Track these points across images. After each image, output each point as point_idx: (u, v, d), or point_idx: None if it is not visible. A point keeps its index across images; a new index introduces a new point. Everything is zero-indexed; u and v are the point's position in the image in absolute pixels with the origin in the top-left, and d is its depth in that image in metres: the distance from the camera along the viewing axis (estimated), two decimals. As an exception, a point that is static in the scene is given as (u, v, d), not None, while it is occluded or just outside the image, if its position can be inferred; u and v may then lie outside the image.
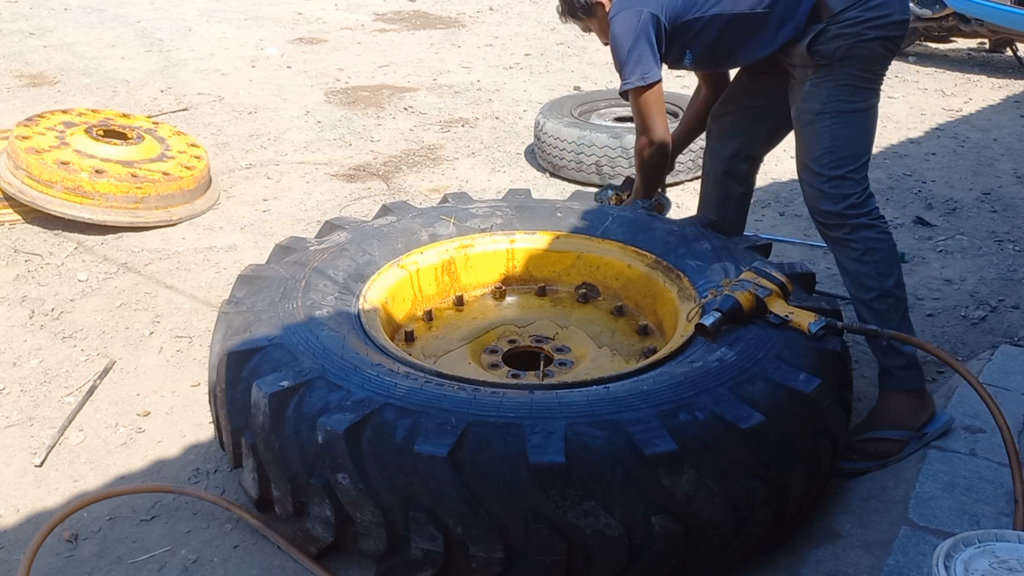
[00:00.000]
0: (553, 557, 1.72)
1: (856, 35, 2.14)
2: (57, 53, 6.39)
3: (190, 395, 2.62)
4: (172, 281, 3.28)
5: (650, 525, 1.70)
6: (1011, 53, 6.75)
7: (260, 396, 1.84)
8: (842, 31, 2.14)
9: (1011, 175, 4.42)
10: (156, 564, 2.00)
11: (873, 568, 1.76)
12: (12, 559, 2.01)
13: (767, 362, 1.90)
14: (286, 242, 2.51)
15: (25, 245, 3.50)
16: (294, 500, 1.89)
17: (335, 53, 6.78)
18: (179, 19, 7.65)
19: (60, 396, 2.60)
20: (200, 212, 3.84)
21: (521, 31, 7.60)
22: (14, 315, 3.02)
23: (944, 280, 3.32)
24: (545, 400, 1.79)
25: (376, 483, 1.74)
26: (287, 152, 4.70)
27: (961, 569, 1.26)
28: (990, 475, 1.98)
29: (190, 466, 2.32)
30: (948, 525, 1.82)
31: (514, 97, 5.77)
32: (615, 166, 4.15)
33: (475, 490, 1.68)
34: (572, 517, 1.68)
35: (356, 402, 1.79)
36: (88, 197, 3.53)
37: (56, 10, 7.74)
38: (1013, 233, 3.73)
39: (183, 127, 4.75)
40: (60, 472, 2.30)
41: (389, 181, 4.32)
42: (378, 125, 5.16)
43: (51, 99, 5.36)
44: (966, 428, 2.15)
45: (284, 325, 2.05)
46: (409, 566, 1.81)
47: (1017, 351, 2.55)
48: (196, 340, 2.90)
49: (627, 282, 2.53)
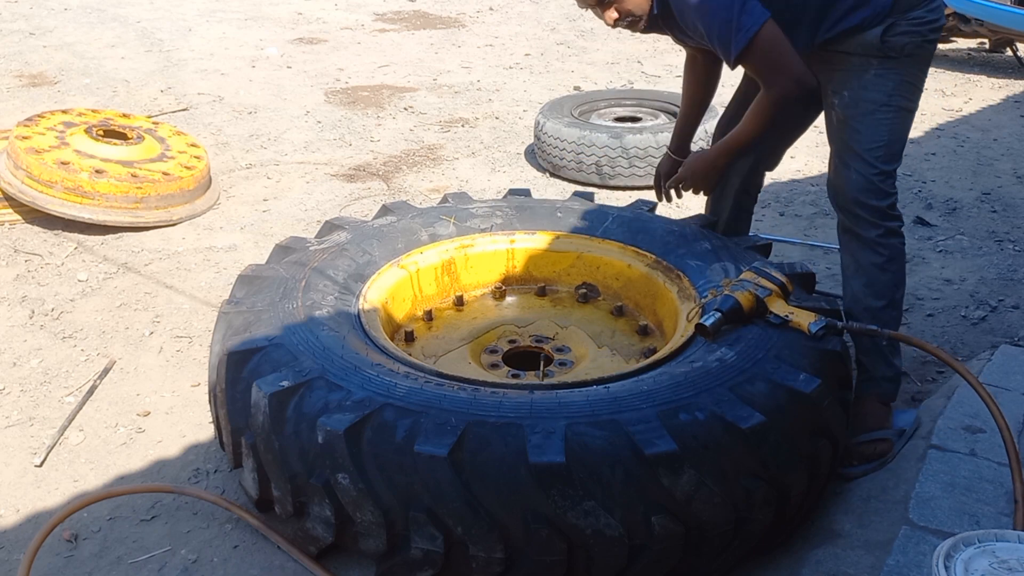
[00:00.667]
0: (553, 557, 1.72)
1: (921, 35, 2.15)
2: (57, 53, 6.39)
3: (190, 395, 2.62)
4: (172, 281, 3.28)
5: (650, 525, 1.70)
6: (1011, 53, 6.75)
7: (260, 396, 1.84)
8: (911, 28, 2.14)
9: (1011, 175, 4.41)
10: (156, 564, 2.00)
11: (873, 568, 1.75)
12: (12, 559, 2.01)
13: (767, 362, 1.90)
14: (286, 242, 2.51)
15: (25, 245, 3.50)
16: (294, 500, 1.89)
17: (335, 53, 6.78)
18: (179, 19, 7.65)
19: (60, 396, 2.60)
20: (200, 212, 3.84)
21: (521, 31, 7.60)
22: (14, 315, 3.02)
23: (944, 280, 3.32)
24: (545, 400, 1.79)
25: (376, 483, 1.74)
26: (287, 152, 4.70)
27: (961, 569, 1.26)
28: (990, 475, 1.97)
29: (190, 466, 2.32)
30: (948, 525, 1.82)
31: (514, 97, 5.77)
32: (615, 166, 4.14)
33: (475, 490, 1.68)
34: (572, 517, 1.68)
35: (356, 402, 1.79)
36: (88, 197, 3.53)
37: (56, 10, 7.74)
38: (1013, 233, 3.73)
39: (183, 127, 4.75)
40: (60, 472, 2.30)
41: (389, 181, 4.32)
42: (378, 125, 5.16)
43: (51, 99, 5.36)
44: (966, 428, 2.15)
45: (284, 325, 2.05)
46: (409, 566, 1.81)
47: (1017, 351, 2.54)
48: (196, 340, 2.90)
49: (627, 282, 2.53)
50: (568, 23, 7.78)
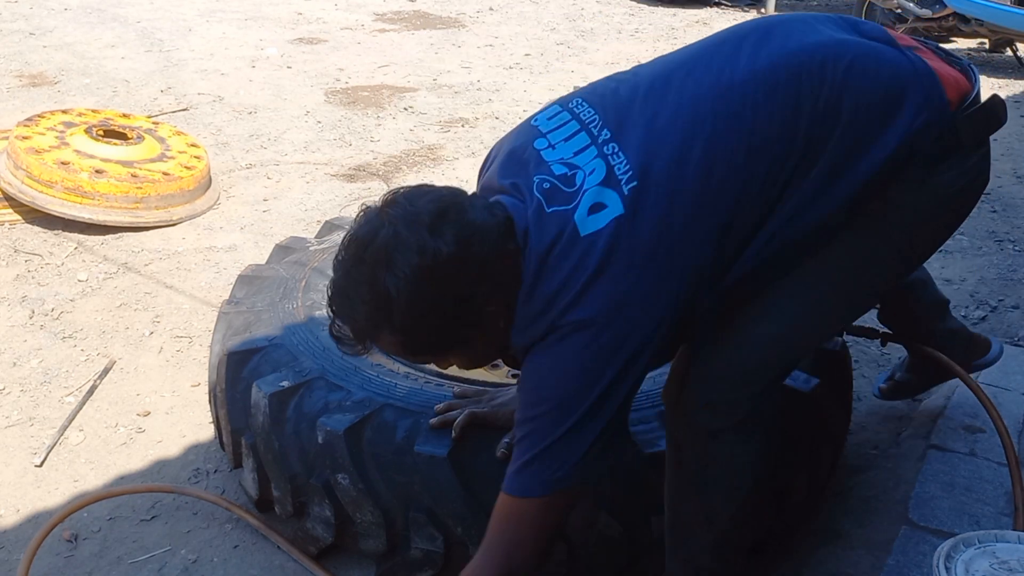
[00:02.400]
0: (553, 557, 1.72)
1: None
2: (57, 53, 6.39)
3: (190, 395, 2.62)
4: (172, 281, 3.28)
5: (650, 525, 1.70)
6: (1011, 53, 6.75)
7: (260, 396, 1.84)
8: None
9: (1011, 175, 4.41)
10: (156, 564, 2.00)
11: (873, 568, 1.75)
12: (12, 559, 2.01)
13: (767, 362, 1.89)
14: (286, 242, 2.51)
15: (25, 245, 3.50)
16: (294, 500, 1.89)
17: (335, 53, 6.78)
18: (179, 19, 7.64)
19: (60, 396, 2.60)
20: (200, 212, 3.84)
21: (521, 31, 7.60)
22: (14, 315, 3.02)
23: (944, 280, 3.32)
24: (545, 400, 1.79)
25: (376, 483, 1.74)
26: (287, 152, 4.70)
27: (962, 570, 1.26)
28: (990, 475, 1.98)
29: (190, 466, 2.32)
30: (948, 525, 1.82)
31: (514, 97, 5.76)
32: (615, 166, 4.14)
33: (475, 490, 1.68)
34: (572, 517, 1.68)
35: (356, 402, 1.79)
36: (88, 197, 3.53)
37: (56, 10, 7.73)
38: (1013, 233, 3.73)
39: (183, 127, 4.75)
40: (60, 472, 2.30)
41: (389, 181, 4.32)
42: (378, 125, 5.16)
43: (51, 99, 5.36)
44: (966, 428, 2.15)
45: (284, 325, 2.04)
46: (409, 566, 1.81)
47: (1017, 351, 2.54)
48: (196, 340, 2.90)
49: (627, 282, 2.53)
50: (568, 23, 7.78)
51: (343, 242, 1.30)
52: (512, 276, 1.30)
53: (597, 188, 1.29)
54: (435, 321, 1.28)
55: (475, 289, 1.28)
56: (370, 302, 1.26)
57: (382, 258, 1.24)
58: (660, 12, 8.79)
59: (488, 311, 1.31)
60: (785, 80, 1.33)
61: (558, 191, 1.31)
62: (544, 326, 1.30)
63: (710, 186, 1.30)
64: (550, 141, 1.38)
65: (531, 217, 1.30)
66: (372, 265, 1.25)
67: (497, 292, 1.30)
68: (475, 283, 1.28)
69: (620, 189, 1.29)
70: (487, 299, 1.30)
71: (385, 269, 1.23)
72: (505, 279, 1.30)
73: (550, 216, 1.30)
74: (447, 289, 1.26)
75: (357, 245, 1.28)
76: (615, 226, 1.27)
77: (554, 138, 1.38)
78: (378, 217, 1.28)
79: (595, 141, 1.34)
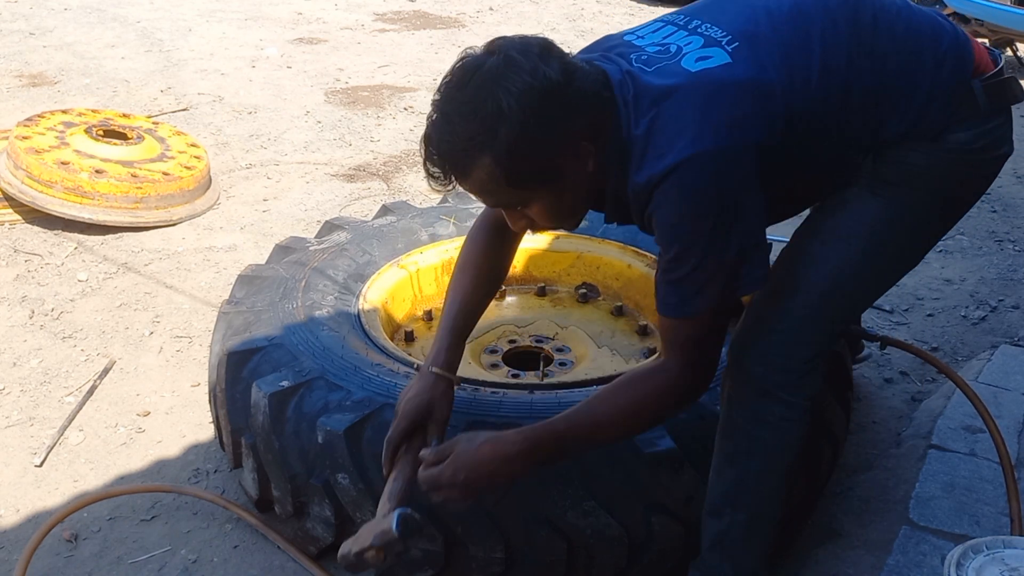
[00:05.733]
0: (553, 557, 1.72)
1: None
2: (57, 53, 6.38)
3: (190, 395, 2.62)
4: (172, 281, 3.28)
5: (650, 525, 1.70)
6: (1011, 53, 6.75)
7: (260, 396, 1.84)
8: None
9: (1011, 175, 4.41)
10: (156, 564, 2.00)
11: (873, 568, 1.76)
12: (12, 559, 2.01)
13: (767, 362, 1.89)
14: (286, 242, 2.51)
15: (25, 245, 3.50)
16: (294, 500, 1.89)
17: (335, 53, 6.77)
18: (179, 19, 7.64)
19: (60, 396, 2.60)
20: (200, 212, 3.84)
21: (521, 31, 7.55)
22: (14, 315, 3.02)
23: (944, 280, 3.32)
24: (545, 400, 1.79)
25: (376, 483, 1.74)
26: (287, 152, 4.70)
27: (973, 577, 1.28)
28: (990, 475, 1.98)
29: (190, 466, 2.32)
30: (948, 525, 1.82)
31: (514, 97, 5.76)
32: (615, 166, 4.14)
33: (475, 490, 1.68)
34: (572, 517, 1.68)
35: (356, 402, 1.79)
36: (88, 197, 3.53)
37: (56, 10, 7.73)
38: (1013, 233, 3.73)
39: (183, 127, 4.75)
40: (60, 472, 2.30)
41: (389, 181, 4.32)
42: (378, 125, 5.16)
43: (51, 99, 5.36)
44: (966, 428, 2.15)
45: (284, 325, 2.05)
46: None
47: (1017, 351, 2.55)
48: (196, 340, 2.90)
49: (627, 282, 2.53)
50: (568, 23, 7.78)
51: (445, 76, 1.35)
52: (606, 120, 1.39)
53: (698, 50, 1.41)
54: (538, 144, 1.33)
55: (575, 121, 1.36)
56: (478, 121, 1.30)
57: (494, 77, 1.30)
58: (660, 12, 8.79)
59: (582, 146, 1.38)
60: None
61: (655, 59, 1.43)
62: (667, 163, 1.34)
63: (800, 33, 1.43)
64: (638, 34, 1.52)
65: (634, 70, 1.41)
66: (481, 87, 1.30)
67: (591, 131, 1.38)
68: (576, 114, 1.35)
69: (723, 47, 1.41)
70: (583, 134, 1.37)
71: (498, 86, 1.29)
72: (600, 120, 1.38)
73: (652, 72, 1.40)
74: (553, 112, 1.32)
75: (464, 71, 1.34)
76: (721, 69, 1.37)
77: (642, 31, 1.52)
78: (484, 51, 1.35)
79: (685, 26, 1.48)
